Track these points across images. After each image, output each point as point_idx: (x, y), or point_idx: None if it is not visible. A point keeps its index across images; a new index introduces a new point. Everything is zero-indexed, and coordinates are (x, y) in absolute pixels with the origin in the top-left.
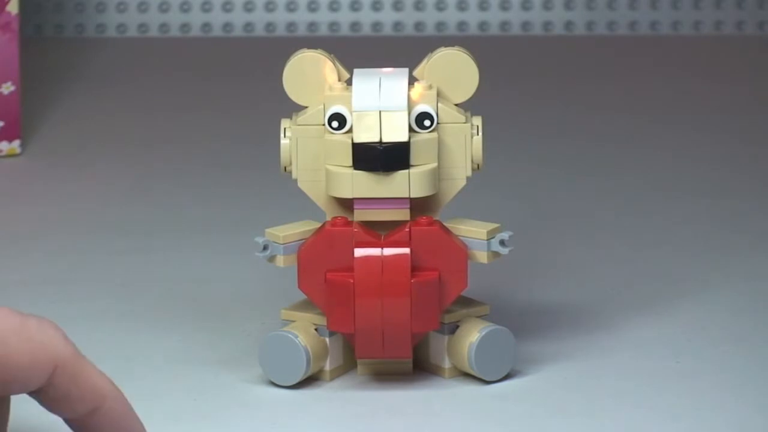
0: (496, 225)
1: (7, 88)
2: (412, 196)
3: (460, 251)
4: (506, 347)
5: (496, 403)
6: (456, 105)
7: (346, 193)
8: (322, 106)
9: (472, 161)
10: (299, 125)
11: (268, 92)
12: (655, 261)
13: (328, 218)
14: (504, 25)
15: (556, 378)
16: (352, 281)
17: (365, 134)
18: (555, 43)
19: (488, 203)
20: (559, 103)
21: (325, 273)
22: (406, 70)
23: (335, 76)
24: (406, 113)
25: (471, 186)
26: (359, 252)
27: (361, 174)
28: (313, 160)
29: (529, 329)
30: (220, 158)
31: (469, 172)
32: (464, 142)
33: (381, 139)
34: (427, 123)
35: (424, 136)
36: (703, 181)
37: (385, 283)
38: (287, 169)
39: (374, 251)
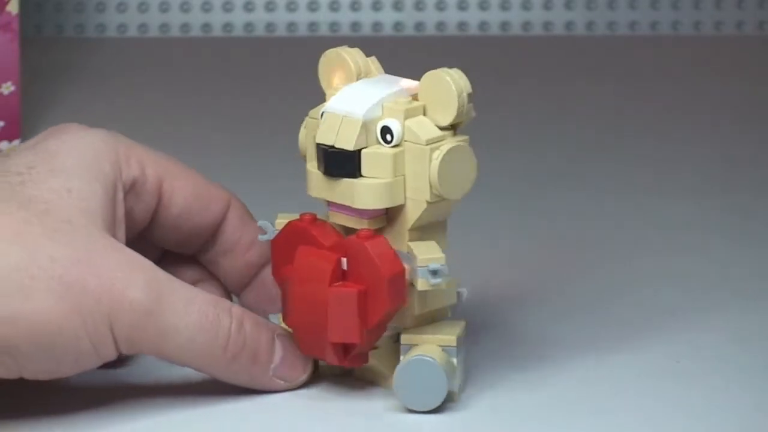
0: (441, 255)
1: (7, 88)
2: (356, 206)
3: (378, 271)
4: (431, 380)
5: (497, 400)
6: (450, 126)
7: (310, 191)
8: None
9: (431, 187)
10: (311, 118)
11: (269, 92)
12: (655, 261)
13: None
14: (504, 25)
15: (556, 378)
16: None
17: (322, 136)
18: (555, 43)
19: (488, 203)
20: (559, 103)
21: (284, 266)
22: (404, 82)
23: (349, 78)
24: (359, 122)
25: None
26: (300, 251)
27: (320, 175)
28: None
29: (529, 329)
30: (220, 158)
31: (428, 197)
32: (425, 164)
33: (335, 143)
34: (388, 137)
35: (379, 149)
36: (703, 180)
37: (310, 286)
38: (305, 157)
39: (312, 253)
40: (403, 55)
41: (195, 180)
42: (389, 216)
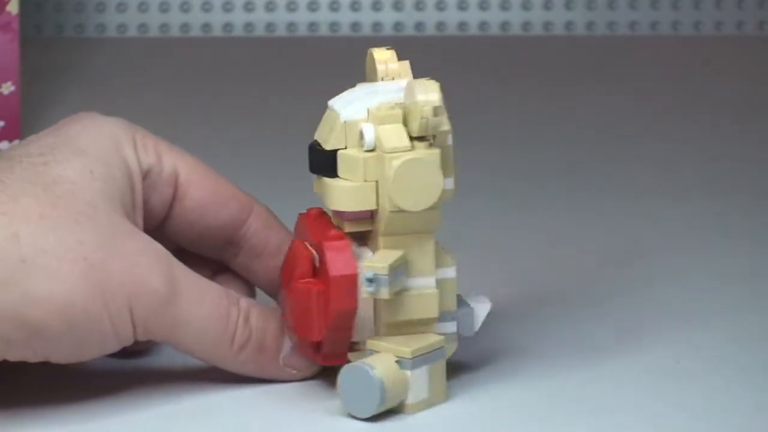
0: (382, 264)
1: (7, 88)
2: (328, 205)
3: (327, 270)
4: (367, 388)
5: (498, 400)
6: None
7: (314, 188)
8: None
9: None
10: None
11: (269, 92)
12: (655, 261)
13: None
14: (504, 25)
15: (556, 378)
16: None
17: (317, 131)
18: (555, 43)
19: (488, 203)
20: (559, 103)
21: None
22: (400, 84)
23: (373, 78)
24: (340, 122)
25: (468, 186)
26: (294, 243)
27: None
28: None
29: (529, 329)
30: (220, 158)
31: (388, 205)
32: (385, 173)
33: (321, 141)
34: (362, 142)
35: (352, 152)
36: (703, 180)
37: (287, 278)
38: None
39: (297, 247)
40: (403, 55)
41: (214, 178)
42: (374, 221)
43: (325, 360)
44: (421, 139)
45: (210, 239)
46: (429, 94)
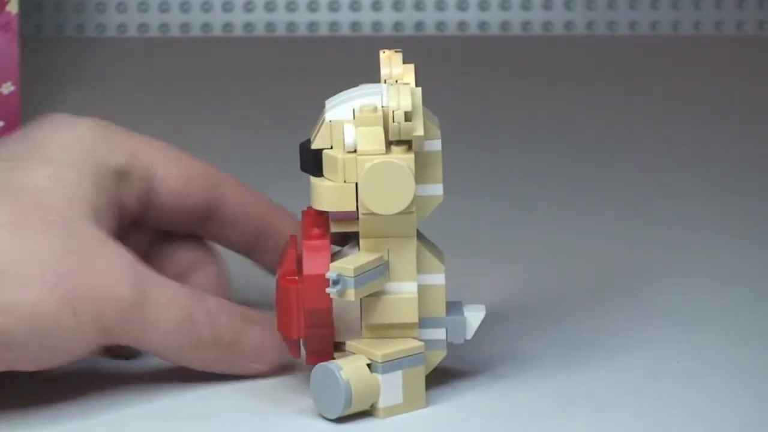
0: (347, 266)
1: (7, 88)
2: (312, 205)
3: (301, 269)
4: (333, 388)
5: (499, 400)
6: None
7: None
8: None
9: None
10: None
11: (268, 92)
12: (655, 261)
13: None
14: (504, 25)
15: (556, 378)
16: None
17: (311, 130)
18: (555, 43)
19: (487, 203)
20: (559, 103)
21: None
22: (382, 88)
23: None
24: (325, 122)
25: (467, 186)
26: (288, 240)
27: None
28: None
29: (529, 329)
30: (220, 158)
31: (361, 208)
32: (358, 175)
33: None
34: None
35: (333, 153)
36: (703, 180)
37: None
38: None
39: (290, 244)
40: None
41: (186, 162)
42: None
43: (310, 359)
44: (401, 143)
45: (190, 221)
46: (401, 99)
